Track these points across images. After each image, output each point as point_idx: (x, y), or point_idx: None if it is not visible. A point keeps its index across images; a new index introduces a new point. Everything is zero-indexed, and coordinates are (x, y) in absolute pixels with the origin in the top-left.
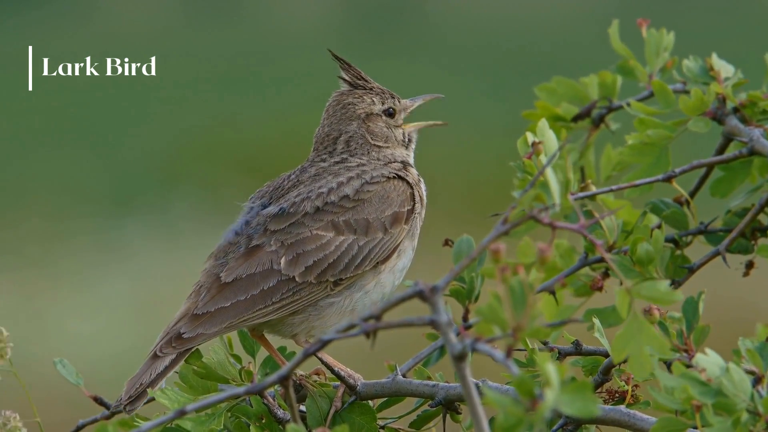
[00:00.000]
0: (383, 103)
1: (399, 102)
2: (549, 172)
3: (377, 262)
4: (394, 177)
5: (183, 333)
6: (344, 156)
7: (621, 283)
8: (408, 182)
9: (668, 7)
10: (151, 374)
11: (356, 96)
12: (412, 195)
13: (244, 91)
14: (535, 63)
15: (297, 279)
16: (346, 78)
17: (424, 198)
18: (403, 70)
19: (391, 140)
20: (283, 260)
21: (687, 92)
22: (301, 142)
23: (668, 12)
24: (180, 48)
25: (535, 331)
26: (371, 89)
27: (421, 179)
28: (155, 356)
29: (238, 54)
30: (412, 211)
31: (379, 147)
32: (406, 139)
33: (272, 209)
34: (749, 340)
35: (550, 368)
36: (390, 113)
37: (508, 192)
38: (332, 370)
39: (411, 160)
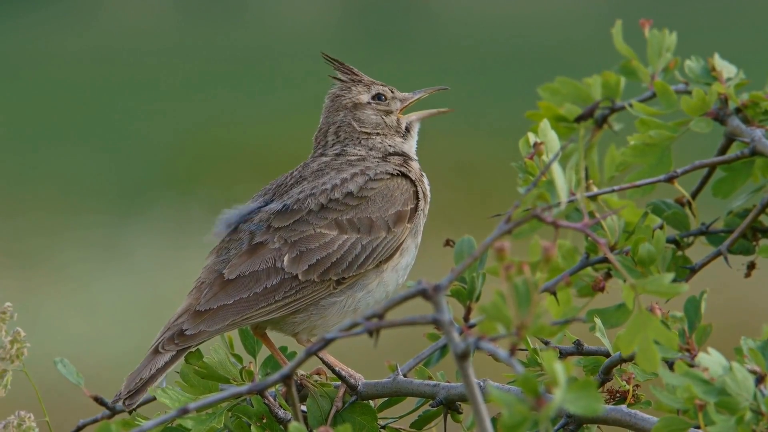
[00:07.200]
0: (370, 91)
1: (394, 93)
2: (556, 170)
3: (380, 261)
4: (397, 174)
5: (185, 330)
6: (337, 147)
7: (625, 281)
8: (411, 179)
9: (669, 8)
10: (150, 369)
11: (344, 89)
12: (416, 193)
13: (246, 90)
14: (535, 63)
15: (300, 277)
16: (339, 76)
17: (428, 194)
18: (404, 70)
19: (382, 127)
20: (286, 258)
21: (689, 93)
22: (301, 141)
23: (669, 12)
24: (181, 47)
25: (539, 329)
26: (360, 81)
27: (424, 174)
28: (156, 351)
29: (238, 53)
30: (415, 209)
31: (367, 134)
32: (403, 128)
33: (275, 206)
34: (751, 340)
35: (558, 367)
36: (379, 99)
37: (509, 193)
38: (333, 370)
39: (411, 152)
